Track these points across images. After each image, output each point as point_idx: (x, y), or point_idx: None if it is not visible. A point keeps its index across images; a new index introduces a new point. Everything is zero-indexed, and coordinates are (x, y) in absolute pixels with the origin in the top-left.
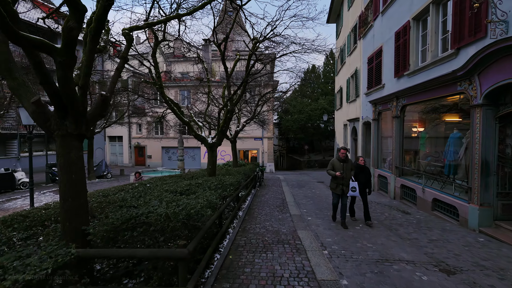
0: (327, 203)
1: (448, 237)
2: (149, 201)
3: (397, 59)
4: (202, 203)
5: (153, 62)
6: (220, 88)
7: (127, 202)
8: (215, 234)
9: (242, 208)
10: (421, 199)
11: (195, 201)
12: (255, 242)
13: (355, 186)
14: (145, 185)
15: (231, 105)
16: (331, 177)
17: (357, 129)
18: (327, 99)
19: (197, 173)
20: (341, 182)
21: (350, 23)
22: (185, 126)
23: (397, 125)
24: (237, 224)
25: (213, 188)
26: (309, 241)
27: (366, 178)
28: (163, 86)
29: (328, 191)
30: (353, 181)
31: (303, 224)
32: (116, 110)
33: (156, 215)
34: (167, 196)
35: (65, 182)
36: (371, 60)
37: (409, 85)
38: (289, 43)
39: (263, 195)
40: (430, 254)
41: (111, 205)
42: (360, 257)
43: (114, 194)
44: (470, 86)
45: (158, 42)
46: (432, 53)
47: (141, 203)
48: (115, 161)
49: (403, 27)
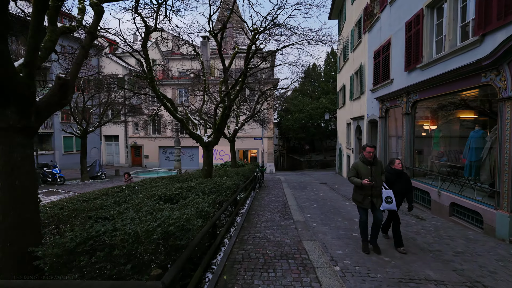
0: (333, 206)
1: (476, 248)
2: (126, 211)
3: (408, 51)
4: (189, 214)
5: (144, 53)
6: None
7: (99, 212)
8: (207, 247)
9: (241, 214)
10: (437, 203)
11: (179, 212)
12: (255, 256)
13: (390, 196)
14: (134, 188)
15: (229, 101)
16: (355, 187)
17: (361, 127)
18: (329, 98)
19: (193, 174)
20: (369, 193)
21: (354, 18)
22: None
23: (407, 122)
24: (234, 232)
25: (207, 192)
26: (317, 255)
27: (404, 188)
28: (160, 83)
29: (331, 193)
30: (386, 188)
31: (308, 232)
32: (111, 109)
33: (123, 234)
34: (147, 204)
35: (5, 190)
36: (377, 54)
37: (422, 79)
38: (292, 34)
39: (263, 197)
40: (460, 271)
41: (83, 214)
42: (378, 276)
43: (95, 199)
44: (497, 77)
45: (149, 31)
46: (450, 43)
47: (115, 213)
48: (111, 161)
49: (415, 16)
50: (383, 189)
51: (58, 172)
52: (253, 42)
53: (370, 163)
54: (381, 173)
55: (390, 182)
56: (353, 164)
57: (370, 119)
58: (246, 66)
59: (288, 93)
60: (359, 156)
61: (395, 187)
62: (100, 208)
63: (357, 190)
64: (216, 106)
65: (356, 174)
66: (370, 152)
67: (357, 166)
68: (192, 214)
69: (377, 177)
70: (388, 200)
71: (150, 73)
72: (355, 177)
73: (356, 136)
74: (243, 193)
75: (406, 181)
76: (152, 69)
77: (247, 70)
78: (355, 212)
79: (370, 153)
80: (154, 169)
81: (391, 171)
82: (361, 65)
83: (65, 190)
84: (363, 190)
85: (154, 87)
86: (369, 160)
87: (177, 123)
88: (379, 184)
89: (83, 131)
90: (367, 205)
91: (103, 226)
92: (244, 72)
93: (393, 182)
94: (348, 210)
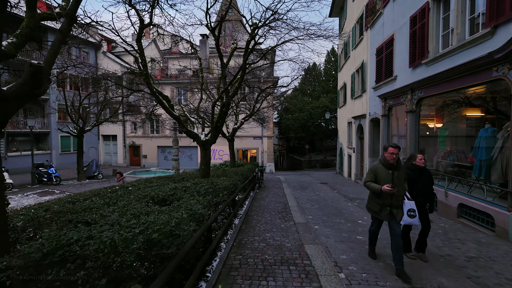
0: (334, 207)
1: (489, 253)
2: (109, 214)
3: (413, 46)
4: (180, 218)
5: (138, 48)
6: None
7: (81, 215)
8: (201, 253)
9: (239, 215)
10: (444, 204)
11: (168, 215)
12: (253, 262)
13: (414, 209)
14: (127, 188)
15: (227, 98)
16: (371, 193)
17: (363, 126)
18: (329, 97)
19: (190, 174)
20: (389, 202)
21: (355, 14)
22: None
23: (412, 120)
24: (232, 235)
25: (202, 193)
26: (321, 260)
27: (427, 187)
28: (157, 81)
29: (333, 193)
30: (409, 199)
31: (310, 235)
32: (109, 108)
33: (98, 243)
34: (134, 207)
35: None
36: (380, 51)
37: (428, 75)
38: (292, 28)
39: (262, 198)
40: (476, 279)
41: (64, 218)
42: (388, 284)
43: (84, 200)
44: (510, 71)
45: (144, 25)
46: (458, 36)
47: (97, 217)
48: (109, 161)
49: (421, 9)
50: (405, 200)
51: (54, 172)
52: (253, 37)
53: (392, 166)
54: (404, 179)
55: (411, 181)
56: (371, 167)
57: (372, 118)
58: (245, 60)
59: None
60: (379, 158)
61: (417, 186)
62: (85, 211)
63: (374, 198)
64: (213, 104)
65: (374, 178)
66: (393, 154)
67: (376, 169)
68: (184, 217)
69: (399, 183)
70: (412, 214)
71: (145, 69)
72: (372, 182)
73: (357, 136)
74: (242, 193)
75: (429, 179)
76: (147, 65)
77: (246, 66)
78: (358, 213)
79: (393, 155)
80: (151, 169)
81: (412, 168)
82: (363, 63)
83: (60, 191)
84: (382, 199)
85: (149, 83)
86: (391, 163)
87: (175, 122)
88: (401, 193)
89: (79, 130)
90: (384, 217)
91: (77, 233)
92: (243, 67)
93: (415, 181)
94: (350, 211)
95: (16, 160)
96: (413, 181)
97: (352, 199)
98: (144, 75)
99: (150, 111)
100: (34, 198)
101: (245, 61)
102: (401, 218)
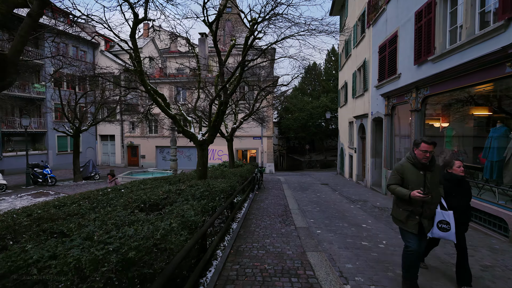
0: (337, 209)
1: (505, 261)
2: (88, 223)
3: (418, 43)
4: (168, 228)
5: (132, 44)
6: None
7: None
8: (195, 263)
9: (237, 219)
10: None
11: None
12: (251, 273)
13: (448, 221)
14: (120, 191)
15: (225, 96)
16: (396, 199)
17: (365, 126)
18: (329, 97)
19: (187, 175)
20: (419, 210)
21: (356, 12)
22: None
23: (417, 119)
24: (229, 241)
25: (197, 196)
26: (325, 271)
27: (464, 200)
28: (154, 81)
29: (334, 195)
30: (444, 208)
31: (312, 241)
32: (106, 107)
33: (62, 265)
34: (117, 215)
35: None
36: (383, 49)
37: (435, 72)
38: (293, 24)
39: (262, 200)
40: None
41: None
42: None
43: (72, 203)
44: None
45: (138, 20)
46: (467, 31)
47: (74, 226)
48: (107, 161)
49: (426, 4)
50: (438, 209)
51: (49, 173)
52: (252, 32)
53: (425, 167)
54: (440, 182)
55: (447, 192)
56: (397, 166)
57: (375, 117)
58: (244, 56)
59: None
60: (407, 156)
61: (452, 200)
62: (67, 218)
63: (400, 204)
64: (211, 102)
65: (401, 181)
66: (427, 152)
67: (403, 169)
68: (173, 227)
69: (433, 187)
70: (444, 226)
71: (139, 65)
72: (398, 185)
73: (359, 135)
74: (241, 195)
75: (467, 193)
76: (142, 62)
77: (245, 63)
78: (361, 217)
79: (426, 153)
80: (149, 169)
81: (447, 177)
82: (365, 61)
83: (55, 191)
84: (410, 205)
85: (143, 80)
86: (423, 163)
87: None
88: (435, 200)
89: (75, 130)
90: (412, 228)
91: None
92: (242, 62)
93: (449, 194)
94: (353, 214)
95: (11, 161)
96: (447, 194)
97: (355, 201)
98: (138, 72)
99: (146, 110)
100: (28, 200)
101: (244, 56)
102: (429, 229)
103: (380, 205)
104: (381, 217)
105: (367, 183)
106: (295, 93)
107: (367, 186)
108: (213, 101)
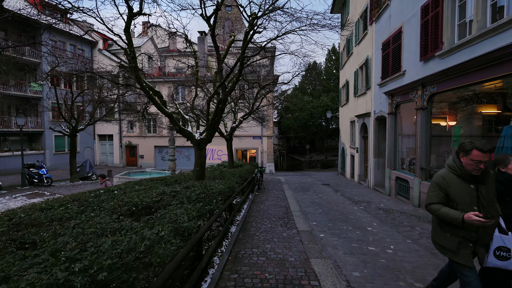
0: (339, 211)
1: None
2: (65, 232)
3: (424, 38)
4: (154, 238)
5: (127, 39)
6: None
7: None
8: (188, 274)
9: (236, 221)
10: None
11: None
12: (251, 283)
13: (509, 248)
14: (113, 192)
15: (224, 93)
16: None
17: (367, 125)
18: (330, 96)
19: (185, 176)
20: (474, 236)
21: (358, 9)
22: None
23: (423, 118)
24: (227, 247)
25: (193, 199)
26: (331, 281)
27: None
28: (152, 79)
29: (336, 196)
30: (504, 232)
31: (316, 246)
32: (104, 106)
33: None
34: (100, 221)
35: None
36: (386, 45)
37: (442, 68)
38: (294, 18)
39: (262, 201)
40: None
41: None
42: None
43: (59, 206)
44: None
45: (133, 14)
46: (478, 24)
47: (49, 235)
48: (105, 161)
49: None
50: (496, 232)
51: (45, 173)
52: (252, 27)
53: (476, 179)
54: (495, 196)
55: (499, 198)
56: (437, 179)
57: (378, 116)
58: (243, 51)
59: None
60: (449, 164)
61: (507, 208)
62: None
63: (447, 228)
64: (209, 99)
65: (444, 199)
66: (481, 163)
67: (446, 183)
68: (162, 235)
69: (490, 206)
70: (504, 254)
71: (134, 61)
72: (442, 204)
73: (361, 135)
74: (240, 196)
75: None
76: (136, 57)
77: (245, 60)
78: (365, 219)
79: (480, 164)
80: (147, 169)
81: (500, 179)
82: (367, 59)
83: (51, 192)
84: (462, 229)
85: (138, 76)
86: (473, 174)
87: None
88: (494, 223)
89: (72, 129)
90: (464, 259)
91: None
92: (242, 58)
93: (502, 200)
94: (357, 216)
95: (7, 161)
96: (499, 199)
97: (358, 202)
98: (133, 68)
99: (143, 108)
100: (23, 201)
101: (244, 51)
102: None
103: (385, 206)
104: (386, 219)
105: (370, 184)
106: (295, 92)
107: (369, 187)
108: (211, 99)
